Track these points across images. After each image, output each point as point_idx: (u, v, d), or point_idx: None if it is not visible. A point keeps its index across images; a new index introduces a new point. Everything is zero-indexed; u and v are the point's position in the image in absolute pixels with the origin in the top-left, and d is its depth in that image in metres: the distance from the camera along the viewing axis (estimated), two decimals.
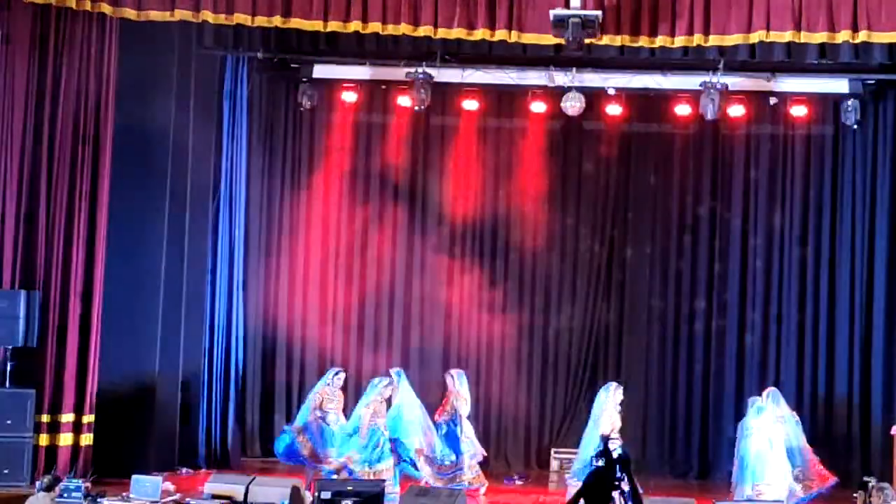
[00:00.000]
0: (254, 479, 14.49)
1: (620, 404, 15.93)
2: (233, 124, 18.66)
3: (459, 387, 16.63)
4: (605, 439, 9.10)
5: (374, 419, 15.69)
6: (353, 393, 17.70)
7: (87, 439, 16.08)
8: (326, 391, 16.36)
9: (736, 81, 18.05)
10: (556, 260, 19.82)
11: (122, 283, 16.61)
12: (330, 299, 19.47)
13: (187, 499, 13.88)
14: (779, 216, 19.30)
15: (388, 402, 16.10)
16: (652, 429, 18.97)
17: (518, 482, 17.83)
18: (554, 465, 18.53)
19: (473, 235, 19.79)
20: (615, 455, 8.73)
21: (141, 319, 16.85)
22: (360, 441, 15.56)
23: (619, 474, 8.55)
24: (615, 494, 8.58)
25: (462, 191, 19.44)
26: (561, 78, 18.11)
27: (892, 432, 14.94)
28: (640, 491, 9.10)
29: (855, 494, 13.97)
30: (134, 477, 14.28)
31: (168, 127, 17.01)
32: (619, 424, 15.72)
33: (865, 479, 13.86)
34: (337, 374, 16.58)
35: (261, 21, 15.80)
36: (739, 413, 18.44)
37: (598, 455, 8.68)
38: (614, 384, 16.14)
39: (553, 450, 18.75)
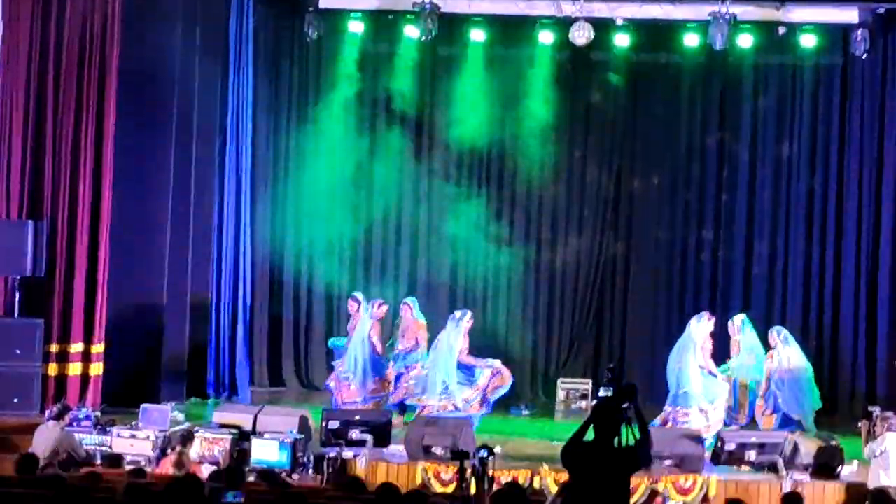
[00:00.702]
0: (262, 408, 14.60)
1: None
2: (238, 57, 18.53)
3: (418, 316, 16.68)
4: (612, 370, 9.07)
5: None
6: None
7: (96, 369, 16.19)
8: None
9: (745, 11, 17.91)
10: (562, 191, 19.82)
11: (129, 215, 16.65)
12: (337, 231, 19.45)
13: (196, 428, 13.95)
14: (787, 147, 19.24)
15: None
16: (658, 361, 19.00)
17: (525, 412, 17.92)
18: (560, 395, 18.64)
19: (480, 167, 19.78)
20: (622, 384, 8.74)
21: (149, 251, 16.89)
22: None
23: (625, 404, 8.57)
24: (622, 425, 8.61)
25: (469, 122, 19.33)
26: (569, 7, 17.97)
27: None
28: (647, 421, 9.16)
29: (859, 424, 14.01)
30: (143, 406, 14.36)
31: (174, 60, 16.94)
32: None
33: (870, 408, 13.90)
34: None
35: None
36: None
37: (606, 385, 8.68)
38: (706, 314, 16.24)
39: (559, 380, 18.84)
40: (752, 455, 13.42)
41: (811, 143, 19.16)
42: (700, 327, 15.60)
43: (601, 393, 8.60)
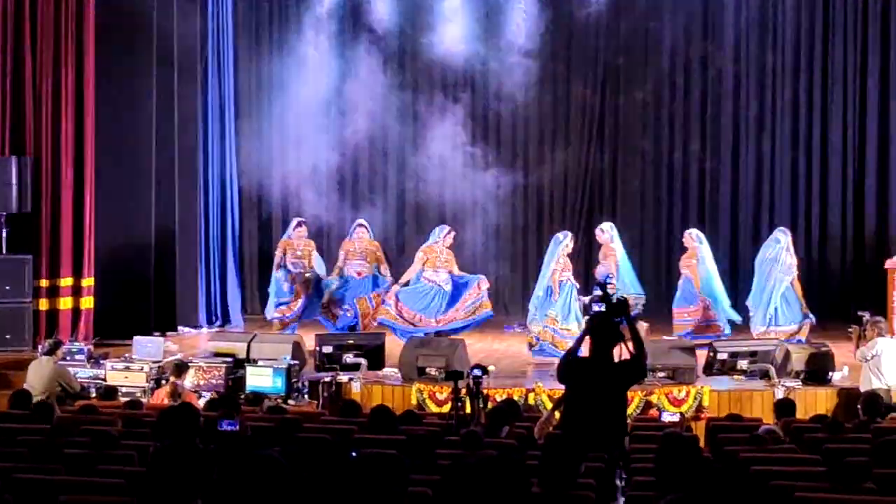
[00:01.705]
0: (255, 336, 14.63)
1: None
2: None
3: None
4: (604, 284, 9.09)
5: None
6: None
7: (87, 302, 16.19)
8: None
9: None
10: (546, 107, 19.75)
11: (113, 147, 16.56)
12: (323, 154, 19.34)
13: (190, 358, 13.98)
14: (770, 55, 19.16)
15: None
16: (647, 270, 19.06)
17: (518, 329, 17.95)
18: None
19: (464, 85, 19.64)
20: (614, 300, 8.77)
21: (134, 182, 16.80)
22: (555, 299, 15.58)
23: (617, 318, 8.61)
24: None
25: (451, 41, 19.17)
26: None
27: (887, 266, 15.02)
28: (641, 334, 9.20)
29: (850, 329, 14.10)
30: (136, 338, 14.38)
31: None
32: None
33: (860, 313, 13.95)
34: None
35: None
36: (735, 251, 18.59)
37: (598, 301, 8.71)
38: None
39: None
40: (744, 364, 13.50)
41: (795, 48, 19.09)
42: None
43: (594, 309, 8.63)
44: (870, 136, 18.74)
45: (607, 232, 16.47)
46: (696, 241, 16.21)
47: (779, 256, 15.77)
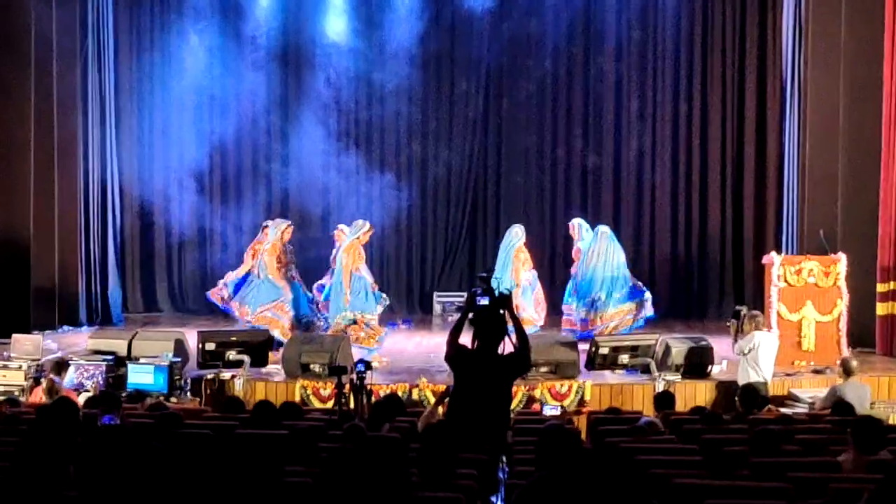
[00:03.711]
0: (136, 333, 14.45)
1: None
2: None
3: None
4: (487, 278, 9.12)
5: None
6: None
7: None
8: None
9: None
10: (430, 107, 19.82)
11: None
12: (205, 151, 19.20)
13: (70, 355, 13.75)
14: (651, 54, 19.45)
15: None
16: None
17: (403, 326, 18.01)
18: (437, 308, 18.81)
19: (347, 85, 19.57)
20: (496, 293, 8.81)
21: (11, 178, 16.52)
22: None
23: (501, 311, 8.65)
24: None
25: (334, 40, 19.11)
26: None
27: (764, 261, 15.30)
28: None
29: (728, 323, 14.33)
30: (14, 336, 14.11)
31: None
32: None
33: (737, 307, 14.20)
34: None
35: None
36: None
37: (481, 293, 8.74)
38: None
39: (435, 293, 18.98)
40: (625, 358, 13.65)
41: (675, 50, 19.39)
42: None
43: (479, 302, 8.65)
44: (748, 137, 19.10)
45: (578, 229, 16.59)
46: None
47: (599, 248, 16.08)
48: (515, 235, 16.00)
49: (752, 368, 12.57)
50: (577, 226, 16.53)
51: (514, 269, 15.73)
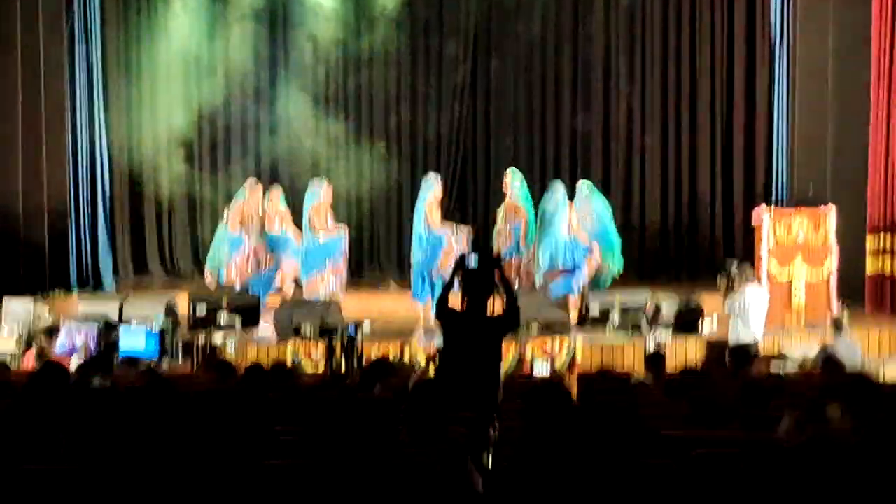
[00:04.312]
0: (127, 296, 14.45)
1: None
2: None
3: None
4: (477, 239, 9.16)
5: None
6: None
7: None
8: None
9: None
10: (420, 70, 19.78)
11: None
12: (193, 116, 19.15)
13: (61, 320, 13.75)
14: (640, 16, 19.41)
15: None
16: None
17: (392, 288, 18.00)
18: None
19: (335, 48, 19.44)
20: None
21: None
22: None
23: (490, 269, 8.66)
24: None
25: (321, 4, 19.03)
26: None
27: (753, 215, 15.29)
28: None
29: (718, 276, 14.21)
30: (4, 299, 14.10)
31: None
32: None
33: (728, 259, 14.04)
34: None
35: None
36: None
37: (472, 252, 8.76)
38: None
39: None
40: (616, 317, 13.67)
41: (664, 7, 19.31)
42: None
43: (469, 262, 8.67)
44: (737, 95, 19.04)
45: (510, 180, 15.76)
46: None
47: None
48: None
49: (742, 325, 12.59)
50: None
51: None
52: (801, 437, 5.87)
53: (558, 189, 15.42)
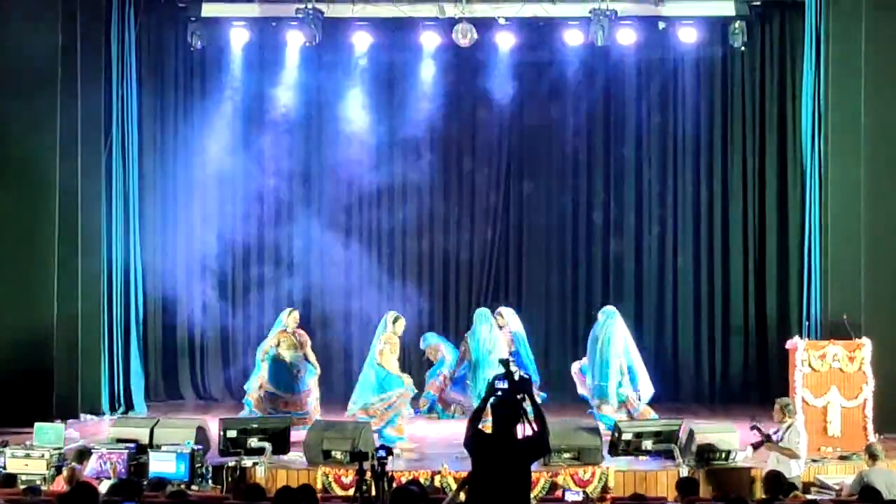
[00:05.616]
0: (158, 421, 14.42)
1: None
2: (122, 65, 18.17)
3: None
4: (507, 362, 9.12)
5: None
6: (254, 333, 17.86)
7: None
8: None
9: (624, 7, 18.11)
10: (452, 194, 19.94)
11: (13, 227, 16.43)
12: (228, 240, 19.35)
13: (92, 444, 13.74)
14: (671, 140, 19.52)
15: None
16: (553, 349, 19.21)
17: (425, 413, 17.89)
18: None
19: (370, 170, 19.65)
20: (516, 377, 8.80)
21: (36, 264, 16.58)
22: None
23: (520, 396, 8.64)
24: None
25: (356, 129, 19.29)
26: (451, 9, 18.06)
27: (787, 347, 15.23)
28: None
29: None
30: (37, 425, 14.09)
31: (55, 66, 16.61)
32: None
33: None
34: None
35: None
36: (640, 333, 18.56)
37: (501, 377, 8.73)
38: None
39: None
40: (648, 444, 13.55)
41: (695, 134, 19.45)
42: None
43: (497, 386, 8.65)
44: (769, 223, 19.06)
45: (504, 317, 17.15)
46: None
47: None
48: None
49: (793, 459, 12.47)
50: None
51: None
52: None
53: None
